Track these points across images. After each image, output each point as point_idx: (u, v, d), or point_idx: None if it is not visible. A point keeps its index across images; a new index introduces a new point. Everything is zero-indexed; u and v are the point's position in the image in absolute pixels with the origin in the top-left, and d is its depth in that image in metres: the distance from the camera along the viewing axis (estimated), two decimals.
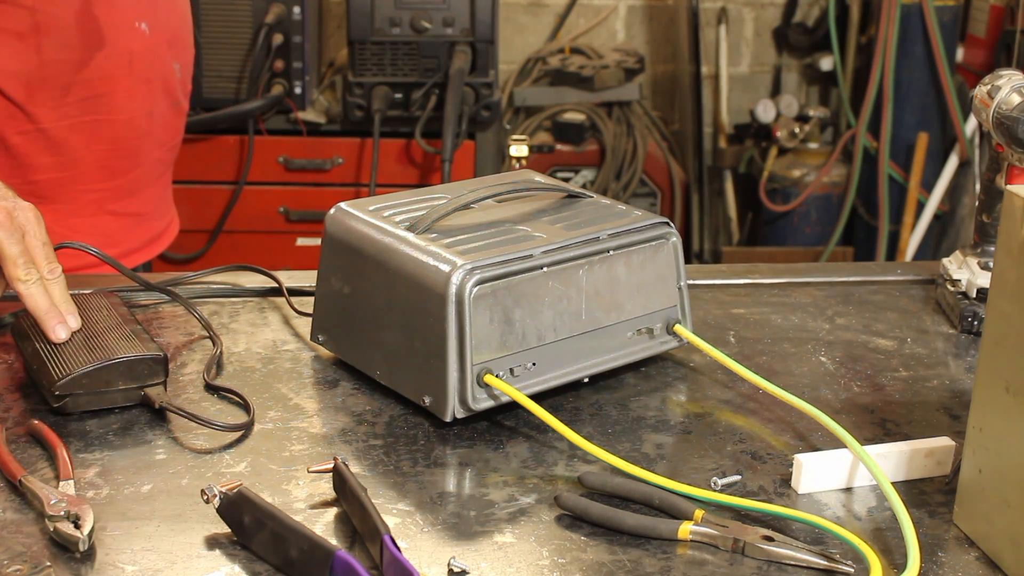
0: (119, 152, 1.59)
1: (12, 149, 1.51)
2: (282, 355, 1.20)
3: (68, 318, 1.11)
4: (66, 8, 1.49)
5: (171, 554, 0.87)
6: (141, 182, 1.65)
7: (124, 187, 1.62)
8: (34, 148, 1.52)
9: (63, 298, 1.13)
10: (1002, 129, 1.19)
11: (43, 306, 1.11)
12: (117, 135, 1.58)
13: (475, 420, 1.07)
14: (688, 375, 1.19)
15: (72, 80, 1.51)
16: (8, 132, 1.50)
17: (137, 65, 1.58)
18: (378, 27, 2.75)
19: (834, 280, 1.44)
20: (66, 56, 1.50)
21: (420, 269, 1.05)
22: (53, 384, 1.05)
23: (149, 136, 1.63)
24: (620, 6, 3.76)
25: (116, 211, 1.62)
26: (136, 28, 1.57)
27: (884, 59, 3.46)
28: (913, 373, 1.20)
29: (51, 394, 1.05)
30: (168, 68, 1.65)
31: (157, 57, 1.62)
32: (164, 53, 1.64)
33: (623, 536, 0.91)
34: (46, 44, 1.48)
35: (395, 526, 0.91)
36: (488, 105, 2.79)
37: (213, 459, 1.01)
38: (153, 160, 1.66)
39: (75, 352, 1.08)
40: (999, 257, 0.88)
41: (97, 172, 1.58)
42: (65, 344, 1.10)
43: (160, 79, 1.63)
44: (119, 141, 1.59)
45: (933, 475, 1.01)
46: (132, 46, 1.56)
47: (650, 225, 1.16)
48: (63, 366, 1.06)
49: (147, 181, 1.66)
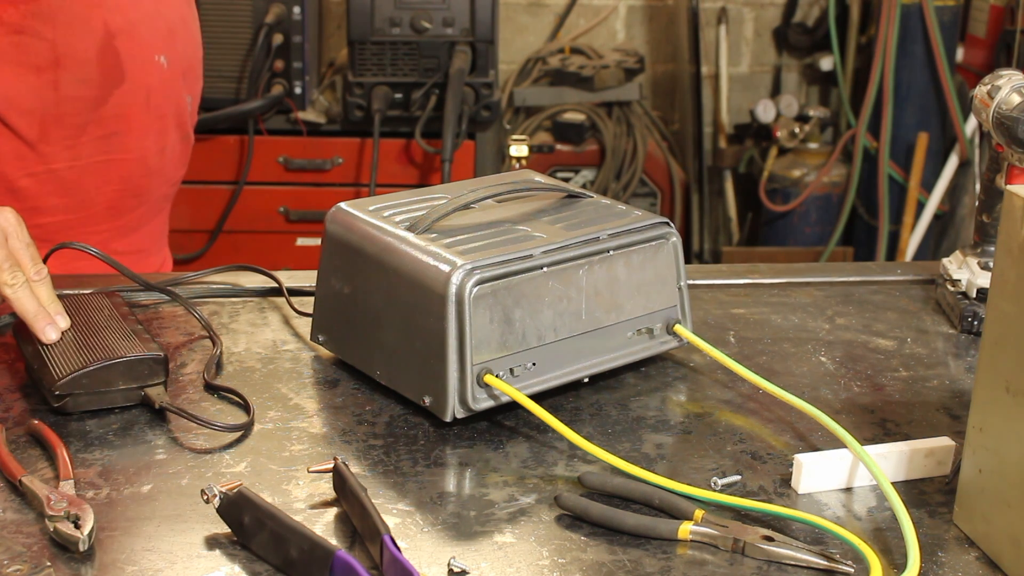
0: (128, 191, 1.53)
1: (20, 192, 1.43)
2: (282, 355, 1.20)
3: (57, 318, 1.11)
4: (88, 40, 1.42)
5: (171, 554, 0.87)
6: (144, 219, 1.59)
7: (128, 225, 1.56)
8: (44, 190, 1.45)
9: (50, 299, 1.12)
10: (1002, 129, 1.19)
11: (32, 309, 1.10)
12: (129, 173, 1.51)
13: (475, 420, 1.07)
14: (688, 375, 1.19)
15: (88, 119, 1.44)
16: (17, 174, 1.43)
17: (154, 100, 1.51)
18: (378, 27, 2.75)
19: (834, 280, 1.44)
20: (84, 93, 1.43)
21: (420, 269, 1.05)
22: (53, 384, 1.05)
23: (159, 173, 1.57)
24: (620, 6, 3.76)
25: (118, 250, 1.53)
26: (155, 62, 1.50)
27: (884, 59, 3.46)
28: (913, 373, 1.20)
29: (51, 394, 1.05)
30: (182, 101, 1.58)
31: (173, 90, 1.55)
32: (179, 86, 1.57)
33: (623, 536, 0.91)
34: (64, 79, 1.41)
35: (395, 526, 0.91)
36: (488, 105, 2.79)
37: (213, 459, 1.01)
38: (158, 196, 1.60)
39: (75, 352, 1.08)
40: (999, 257, 0.88)
41: (105, 212, 1.52)
42: (66, 344, 1.10)
43: (174, 113, 1.56)
44: (130, 180, 1.52)
45: (933, 475, 1.01)
46: (150, 81, 1.50)
47: (650, 225, 1.16)
48: (63, 366, 1.06)
49: (149, 217, 1.60)
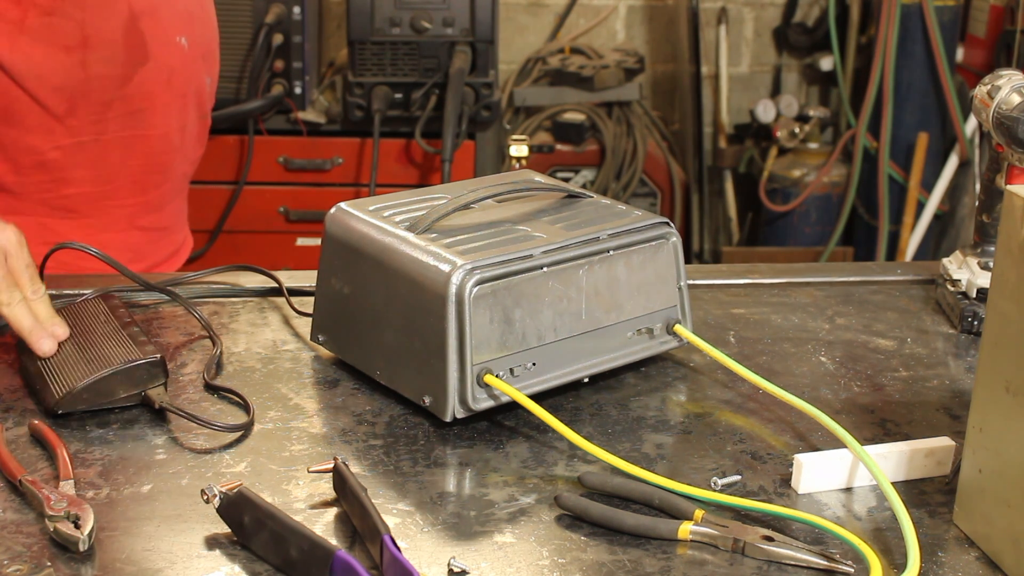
0: (152, 167, 1.59)
1: (49, 164, 1.50)
2: (282, 355, 1.20)
3: (55, 329, 1.12)
4: (115, 21, 1.48)
5: (171, 554, 0.87)
6: (167, 196, 1.65)
7: (153, 201, 1.62)
8: (71, 162, 1.50)
9: (48, 315, 1.14)
10: (1002, 129, 1.19)
11: (27, 324, 1.12)
12: (152, 150, 1.57)
13: (475, 420, 1.07)
14: (688, 375, 1.19)
15: (114, 96, 1.50)
16: (46, 147, 1.49)
17: (175, 80, 1.57)
18: (378, 27, 2.75)
19: (834, 280, 1.44)
20: (111, 71, 1.49)
21: (420, 269, 1.05)
22: (54, 403, 1.05)
23: (180, 151, 1.63)
24: (620, 6, 3.75)
25: (144, 226, 1.61)
26: (177, 43, 1.57)
27: (884, 59, 3.46)
28: (913, 373, 1.20)
29: (53, 413, 1.06)
30: (201, 82, 1.65)
31: (193, 72, 1.61)
32: (199, 67, 1.63)
33: (623, 536, 0.91)
34: (92, 59, 1.47)
35: (395, 526, 0.91)
36: (488, 105, 2.79)
37: (213, 459, 1.01)
38: (180, 174, 1.66)
39: (73, 365, 1.08)
40: (999, 257, 0.88)
41: (130, 187, 1.58)
42: (63, 357, 1.10)
43: (194, 93, 1.62)
44: (153, 156, 1.58)
45: (933, 475, 1.01)
46: (172, 61, 1.56)
47: (650, 225, 1.16)
48: (62, 382, 1.06)
49: (172, 195, 1.67)
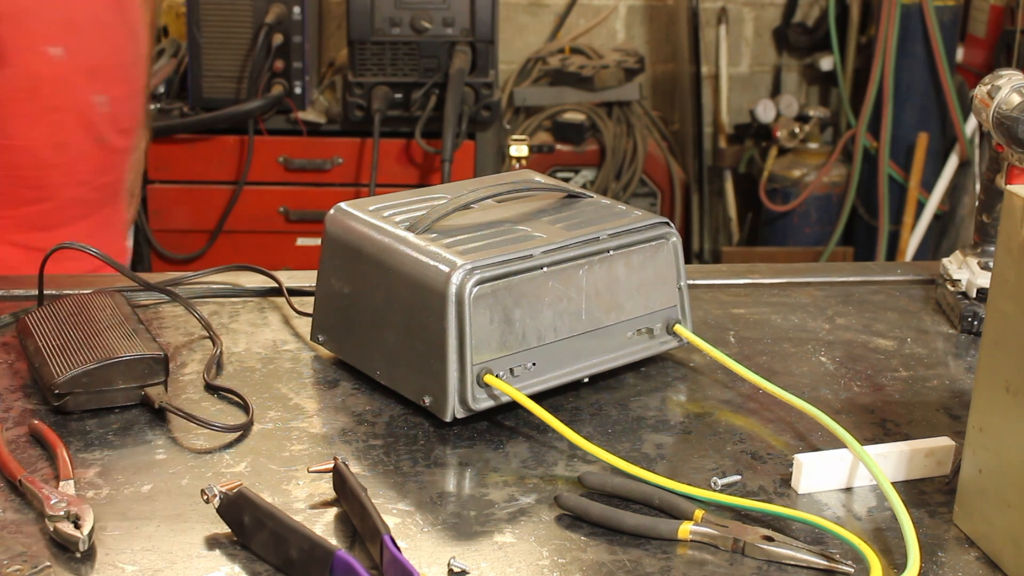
0: (20, 181, 1.52)
1: None
2: (282, 355, 1.20)
3: None
4: None
5: (171, 554, 0.87)
6: (53, 218, 1.57)
7: (32, 220, 1.55)
8: None
9: None
10: (1002, 129, 1.19)
11: None
12: (16, 161, 1.51)
13: (475, 420, 1.07)
14: (688, 375, 1.19)
15: None
16: None
17: (44, 91, 1.51)
18: (378, 27, 2.75)
19: (834, 280, 1.44)
20: None
21: (420, 269, 1.05)
22: (53, 382, 1.05)
23: (58, 170, 1.55)
24: (620, 6, 3.75)
25: (17, 242, 1.54)
26: (43, 52, 1.50)
27: (884, 59, 3.46)
28: (913, 373, 1.20)
29: (51, 392, 1.05)
30: (86, 100, 1.56)
31: (72, 86, 1.54)
32: (81, 83, 1.55)
33: (623, 536, 0.91)
34: None
35: (395, 526, 0.91)
36: (488, 105, 2.78)
37: (213, 459, 1.01)
38: (69, 197, 1.58)
39: (76, 351, 1.08)
40: (999, 257, 0.88)
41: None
42: (67, 343, 1.10)
43: (74, 110, 1.54)
44: (18, 168, 1.52)
45: (933, 475, 1.01)
46: (39, 71, 1.50)
47: (650, 225, 1.16)
48: (63, 365, 1.06)
49: (64, 219, 1.58)
